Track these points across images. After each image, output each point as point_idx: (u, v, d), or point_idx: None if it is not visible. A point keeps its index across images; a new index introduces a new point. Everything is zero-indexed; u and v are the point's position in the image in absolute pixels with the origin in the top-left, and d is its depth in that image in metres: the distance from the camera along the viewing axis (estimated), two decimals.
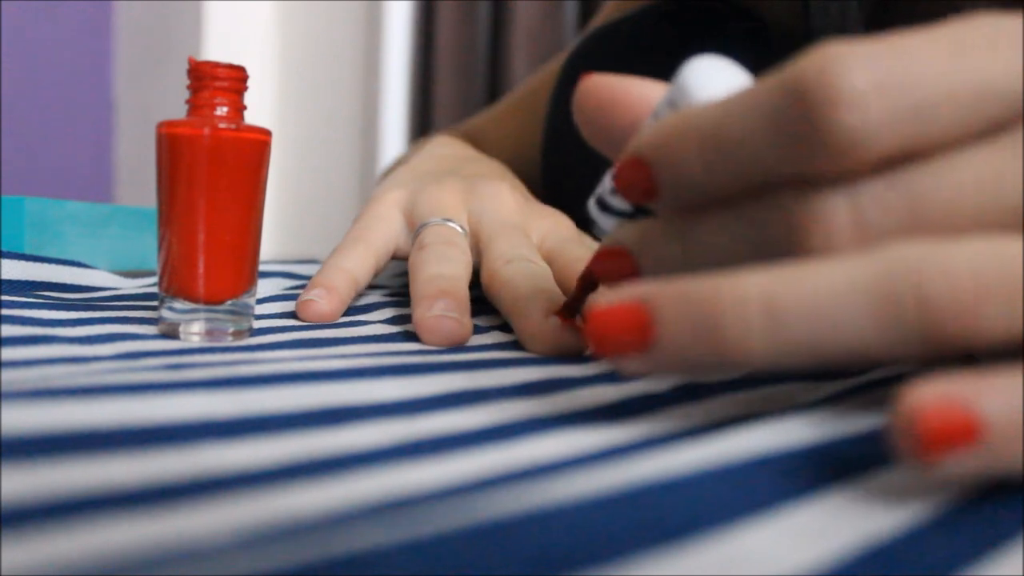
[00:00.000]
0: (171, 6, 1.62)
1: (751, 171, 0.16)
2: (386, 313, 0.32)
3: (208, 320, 0.26)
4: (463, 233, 0.33)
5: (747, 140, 0.16)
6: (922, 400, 0.13)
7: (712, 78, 0.19)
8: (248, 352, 0.24)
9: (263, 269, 0.39)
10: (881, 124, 0.14)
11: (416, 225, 0.34)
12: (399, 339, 0.28)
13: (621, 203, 0.21)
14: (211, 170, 0.25)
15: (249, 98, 1.58)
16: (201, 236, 0.25)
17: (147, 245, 0.44)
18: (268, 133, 0.26)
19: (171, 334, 0.26)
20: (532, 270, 0.29)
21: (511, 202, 0.35)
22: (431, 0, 1.53)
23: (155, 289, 0.34)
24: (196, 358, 0.22)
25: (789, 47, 0.46)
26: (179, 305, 0.26)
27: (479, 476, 0.15)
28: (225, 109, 0.26)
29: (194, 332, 0.26)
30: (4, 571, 0.10)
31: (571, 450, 0.16)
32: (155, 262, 0.39)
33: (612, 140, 0.21)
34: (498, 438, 0.17)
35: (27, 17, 1.62)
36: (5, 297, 0.29)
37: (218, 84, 0.25)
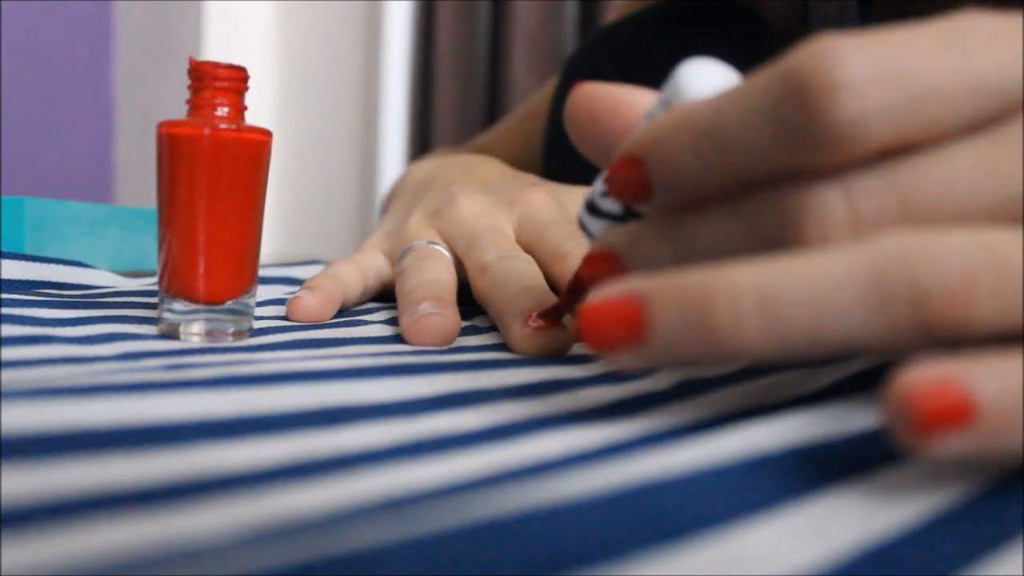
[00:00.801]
0: (171, 6, 1.62)
1: (747, 164, 0.16)
2: (385, 315, 0.32)
3: (208, 320, 0.26)
4: (444, 249, 0.34)
5: (744, 133, 0.16)
6: (916, 381, 0.13)
7: (706, 78, 0.19)
8: (248, 352, 0.24)
9: (262, 275, 0.39)
10: (878, 114, 0.15)
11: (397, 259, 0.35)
12: (399, 340, 0.28)
13: (611, 206, 0.21)
14: (211, 170, 0.25)
15: (249, 98, 1.58)
16: (201, 236, 0.25)
17: (147, 245, 0.44)
18: (268, 133, 0.26)
19: (171, 334, 0.26)
20: (508, 272, 0.30)
21: (471, 208, 0.35)
22: (431, 0, 1.53)
23: (155, 289, 0.34)
24: (196, 358, 0.22)
25: (789, 47, 0.46)
26: (179, 305, 0.26)
27: (479, 476, 0.15)
28: (225, 109, 0.26)
29: (194, 332, 0.26)
30: (4, 571, 0.10)
31: (571, 450, 0.17)
32: (155, 262, 0.39)
33: (603, 148, 0.21)
34: (498, 438, 0.17)
35: (27, 17, 1.62)
36: (5, 297, 0.29)
37: (218, 84, 0.25)
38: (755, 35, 0.48)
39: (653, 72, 0.48)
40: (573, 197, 0.37)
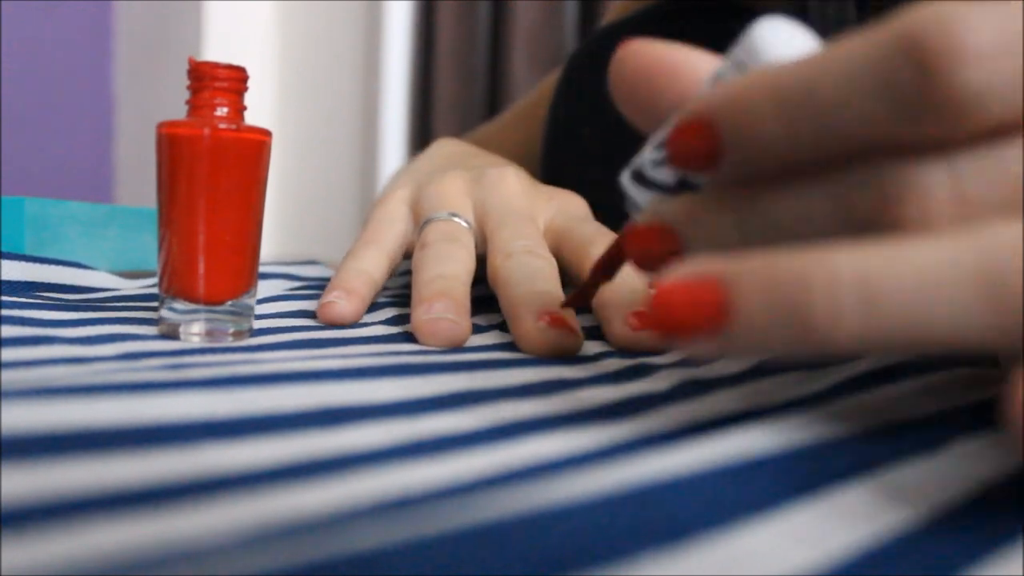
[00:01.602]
0: (171, 6, 1.62)
1: (844, 134, 0.14)
2: (387, 313, 0.32)
3: (208, 320, 0.26)
4: (467, 227, 0.33)
5: (847, 98, 0.14)
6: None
7: (786, 39, 0.17)
8: (248, 353, 0.24)
9: (262, 271, 0.39)
10: (1005, 86, 0.13)
11: (422, 220, 0.34)
12: (399, 340, 0.28)
13: (664, 175, 0.19)
14: (211, 170, 0.25)
15: (249, 98, 1.58)
16: (201, 236, 0.25)
17: (147, 245, 0.44)
18: (268, 133, 0.26)
19: (171, 335, 0.26)
20: (530, 267, 0.29)
21: (516, 187, 0.35)
22: (431, 0, 1.53)
23: (155, 290, 0.34)
24: (196, 359, 0.22)
25: None
26: (179, 306, 0.26)
27: (479, 476, 0.15)
28: (225, 109, 0.26)
29: (194, 333, 0.26)
30: (4, 571, 0.10)
31: (571, 450, 0.16)
32: (155, 262, 0.39)
33: (654, 112, 0.19)
34: (498, 438, 0.17)
35: (27, 17, 1.62)
36: (5, 298, 0.29)
37: (218, 84, 0.25)
38: None
39: None
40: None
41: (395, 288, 0.39)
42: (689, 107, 0.16)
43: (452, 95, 1.49)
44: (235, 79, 0.26)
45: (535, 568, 0.11)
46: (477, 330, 0.30)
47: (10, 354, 0.21)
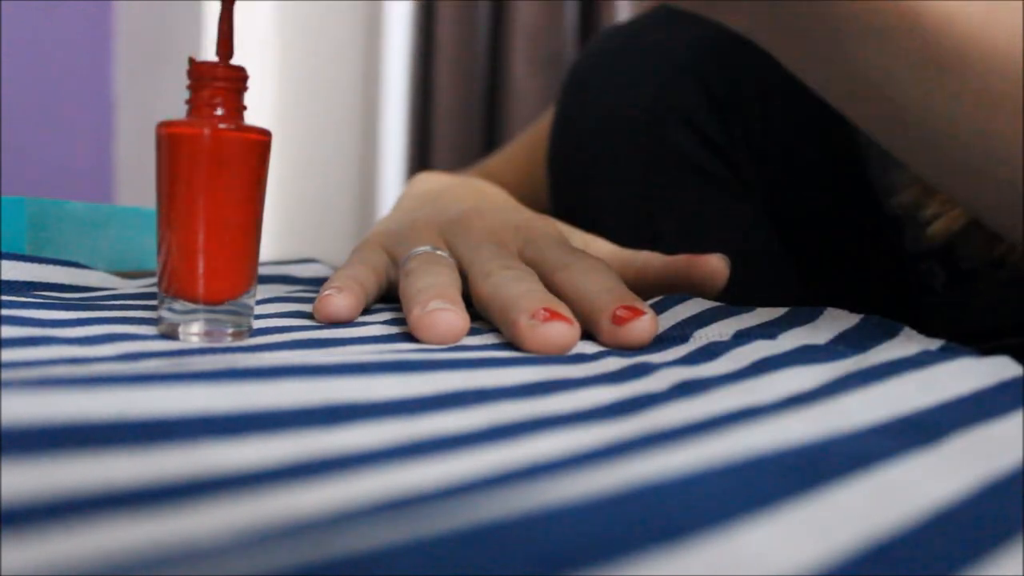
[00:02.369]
0: (171, 6, 1.62)
1: None
2: (386, 315, 0.32)
3: (208, 321, 0.26)
4: (447, 256, 0.34)
5: None
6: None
7: None
8: (248, 353, 0.24)
9: (260, 273, 0.39)
10: None
11: (401, 259, 0.35)
12: (399, 339, 0.28)
13: None
14: (211, 170, 0.25)
15: (249, 98, 1.58)
16: (201, 236, 0.25)
17: (147, 245, 0.44)
18: (268, 133, 0.26)
19: (171, 335, 0.26)
20: (512, 275, 0.30)
21: (483, 222, 0.36)
22: (431, 0, 1.53)
23: (155, 289, 0.34)
24: (196, 359, 0.22)
25: None
26: (179, 306, 0.26)
27: (479, 476, 0.15)
28: (225, 109, 0.26)
29: (194, 333, 0.26)
30: (4, 571, 0.10)
31: (571, 450, 0.16)
32: (155, 262, 0.39)
33: None
34: (498, 438, 0.17)
35: (27, 17, 1.62)
36: (4, 298, 0.29)
37: (218, 84, 0.25)
38: None
39: (654, 70, 0.49)
40: (578, 233, 0.38)
41: (394, 301, 0.39)
42: None
43: (452, 95, 1.49)
44: (235, 79, 0.26)
45: (535, 568, 0.11)
46: (476, 331, 0.30)
47: (9, 354, 0.21)
